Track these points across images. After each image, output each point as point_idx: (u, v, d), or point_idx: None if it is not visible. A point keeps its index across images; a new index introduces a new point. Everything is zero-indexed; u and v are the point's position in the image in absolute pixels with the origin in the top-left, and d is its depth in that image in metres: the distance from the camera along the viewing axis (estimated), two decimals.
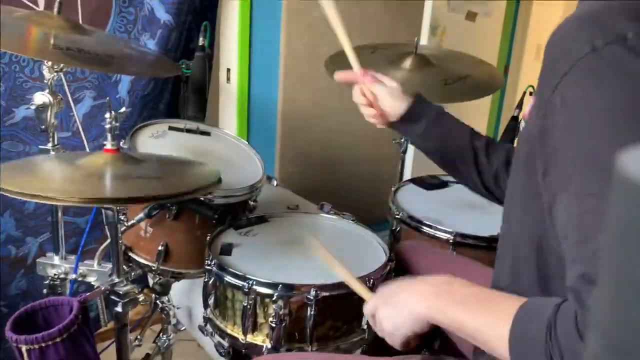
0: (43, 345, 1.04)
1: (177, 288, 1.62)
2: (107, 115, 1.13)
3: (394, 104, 1.15)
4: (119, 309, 1.19)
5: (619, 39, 0.63)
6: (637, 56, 0.63)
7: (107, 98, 1.12)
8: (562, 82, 0.67)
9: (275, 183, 1.84)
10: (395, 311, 0.86)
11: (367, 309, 0.94)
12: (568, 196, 0.66)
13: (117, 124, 1.15)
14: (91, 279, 1.34)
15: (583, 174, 0.65)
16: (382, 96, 1.16)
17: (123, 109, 1.20)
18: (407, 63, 1.70)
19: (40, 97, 1.26)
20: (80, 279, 1.34)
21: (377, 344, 1.31)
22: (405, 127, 1.17)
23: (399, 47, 1.84)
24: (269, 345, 1.12)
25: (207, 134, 1.61)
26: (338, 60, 1.82)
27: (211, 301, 1.22)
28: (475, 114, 3.51)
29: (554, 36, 0.71)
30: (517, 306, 0.70)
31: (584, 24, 0.68)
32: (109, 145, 1.13)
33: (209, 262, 1.19)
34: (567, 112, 0.67)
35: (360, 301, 1.14)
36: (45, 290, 1.39)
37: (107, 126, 1.13)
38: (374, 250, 1.30)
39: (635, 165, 0.27)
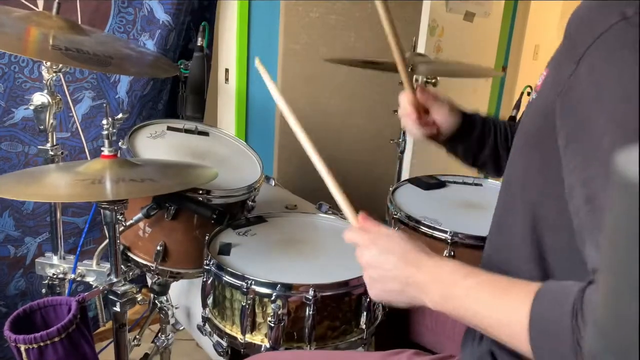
0: (42, 344, 1.04)
1: (176, 288, 1.63)
2: (104, 121, 1.14)
3: (449, 120, 1.21)
4: (117, 308, 1.19)
5: None
6: None
7: (105, 103, 1.12)
8: (588, 53, 0.66)
9: (273, 183, 1.85)
10: (385, 287, 0.83)
11: (348, 238, 0.90)
12: (597, 166, 0.63)
13: (115, 130, 1.16)
14: (90, 279, 1.34)
15: (614, 142, 0.62)
16: (440, 117, 1.20)
17: (120, 115, 1.21)
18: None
19: (39, 98, 1.26)
20: (78, 278, 1.34)
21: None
22: (453, 142, 1.23)
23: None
24: (268, 345, 1.13)
25: (206, 134, 1.61)
26: (336, 61, 1.83)
27: (210, 301, 1.22)
28: None
29: (575, 13, 0.71)
30: (532, 291, 0.66)
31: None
32: (106, 151, 1.14)
33: (208, 262, 1.19)
34: (595, 81, 0.65)
35: (359, 301, 1.15)
36: (44, 290, 1.39)
37: (104, 132, 1.14)
38: None
39: (635, 165, 0.28)
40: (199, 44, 1.68)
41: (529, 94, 1.89)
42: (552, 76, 0.75)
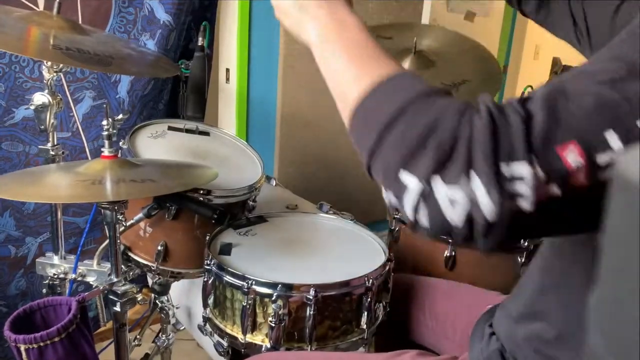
0: (42, 344, 1.04)
1: (177, 288, 1.63)
2: (104, 122, 1.14)
3: None
4: (117, 308, 1.19)
5: None
6: None
7: (105, 103, 1.12)
8: None
9: (274, 183, 1.85)
10: (288, 16, 0.80)
11: None
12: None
13: (115, 131, 1.16)
14: (90, 279, 1.34)
15: (629, 42, 0.58)
16: None
17: (120, 116, 1.21)
18: (406, 64, 1.70)
19: (40, 97, 1.26)
20: (79, 278, 1.34)
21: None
22: None
23: (401, 38, 1.82)
24: (269, 345, 1.12)
25: (207, 134, 1.61)
26: None
27: (210, 301, 1.22)
28: None
29: None
30: (396, 71, 0.63)
31: None
32: (106, 152, 1.14)
33: (209, 262, 1.19)
34: None
35: (359, 301, 1.15)
36: (44, 290, 1.39)
37: (105, 133, 1.14)
38: (373, 250, 1.30)
39: (634, 166, 0.28)
40: (199, 44, 1.68)
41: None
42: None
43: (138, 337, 1.73)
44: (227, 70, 2.28)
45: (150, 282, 1.63)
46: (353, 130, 0.65)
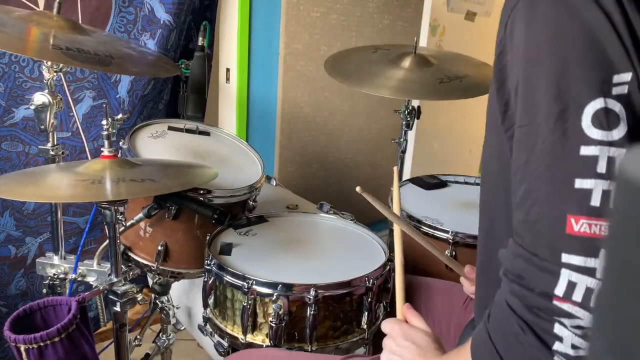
0: (42, 344, 1.04)
1: (177, 288, 1.63)
2: (104, 122, 1.14)
3: None
4: (117, 308, 1.19)
5: None
6: None
7: (105, 104, 1.12)
8: (511, 16, 0.69)
9: (274, 183, 1.85)
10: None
11: (384, 328, 0.96)
12: (516, 132, 0.68)
13: (114, 131, 1.16)
14: (90, 279, 1.34)
15: (521, 107, 0.66)
16: None
17: (120, 115, 1.21)
18: (407, 63, 1.70)
19: (40, 97, 1.26)
20: (79, 278, 1.34)
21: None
22: None
23: (400, 47, 1.84)
24: (269, 345, 1.12)
25: (207, 133, 1.61)
26: (337, 60, 1.82)
27: (211, 301, 1.22)
28: (474, 112, 3.52)
29: None
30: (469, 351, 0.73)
31: None
32: (106, 151, 1.14)
33: (209, 262, 1.19)
34: (513, 46, 0.68)
35: (360, 301, 1.15)
36: (44, 290, 1.39)
37: (104, 133, 1.14)
38: (373, 250, 1.30)
39: (635, 165, 0.27)
40: (199, 44, 1.68)
41: None
42: (496, 46, 0.75)
43: (138, 337, 1.73)
44: (227, 70, 2.28)
45: (150, 282, 1.63)
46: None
